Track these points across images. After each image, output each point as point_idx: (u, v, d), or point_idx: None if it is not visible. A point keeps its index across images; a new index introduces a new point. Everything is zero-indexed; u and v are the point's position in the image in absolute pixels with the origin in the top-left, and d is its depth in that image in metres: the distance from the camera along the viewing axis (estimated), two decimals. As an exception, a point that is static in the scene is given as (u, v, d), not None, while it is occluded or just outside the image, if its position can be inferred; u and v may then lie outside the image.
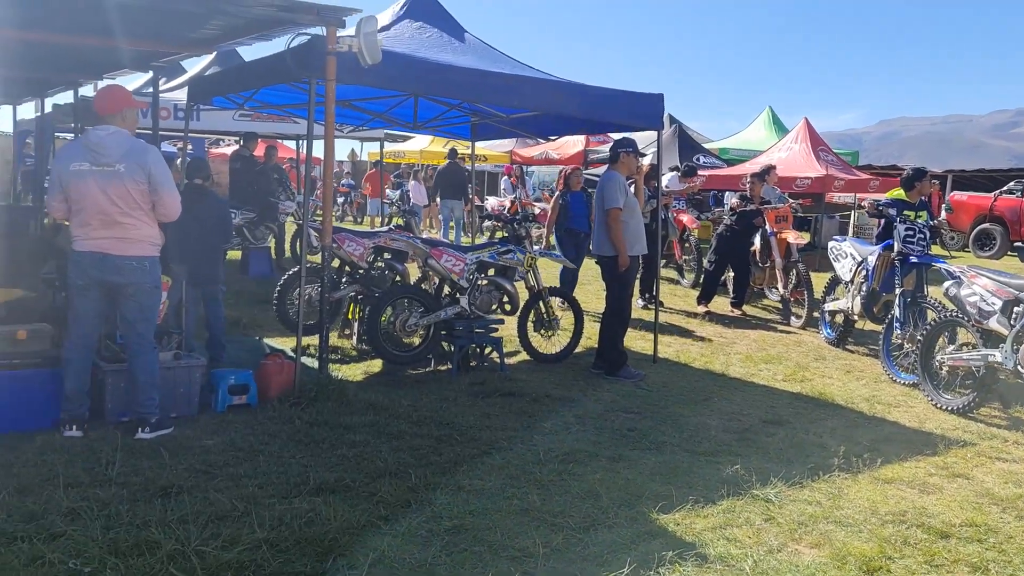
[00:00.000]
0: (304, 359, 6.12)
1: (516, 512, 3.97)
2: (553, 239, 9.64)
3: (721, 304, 10.38)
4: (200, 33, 6.63)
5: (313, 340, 6.75)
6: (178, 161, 7.46)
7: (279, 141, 14.59)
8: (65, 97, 11.53)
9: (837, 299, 8.45)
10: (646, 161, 11.60)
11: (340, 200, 21.83)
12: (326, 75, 5.34)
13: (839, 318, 8.46)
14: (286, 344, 7.08)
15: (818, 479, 4.62)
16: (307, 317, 6.96)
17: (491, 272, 7.16)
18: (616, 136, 7.83)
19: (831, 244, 8.65)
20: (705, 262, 10.75)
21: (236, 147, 13.05)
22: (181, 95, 10.31)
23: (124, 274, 4.56)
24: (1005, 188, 19.34)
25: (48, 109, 12.19)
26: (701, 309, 10.05)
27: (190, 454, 4.44)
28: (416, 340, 6.96)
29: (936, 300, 6.97)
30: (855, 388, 6.83)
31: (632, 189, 7.04)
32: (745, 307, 10.31)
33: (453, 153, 15.19)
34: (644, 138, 12.73)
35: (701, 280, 10.93)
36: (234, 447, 4.61)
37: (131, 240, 4.57)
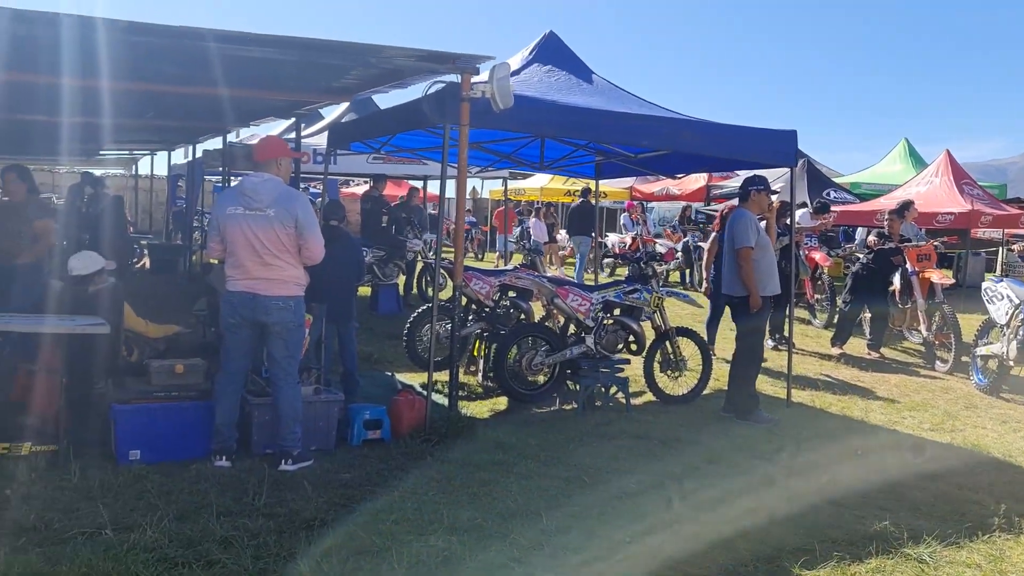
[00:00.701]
0: (434, 396, 6.24)
1: (647, 559, 3.87)
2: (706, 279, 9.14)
3: (857, 346, 9.90)
4: (341, 83, 7.01)
5: (442, 376, 6.88)
6: (318, 202, 7.85)
7: (407, 182, 15.12)
8: (214, 143, 12.43)
9: (991, 343, 7.91)
10: (775, 198, 11.30)
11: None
12: (460, 120, 5.50)
13: (993, 364, 7.91)
14: (415, 380, 7.25)
15: (976, 539, 4.30)
16: (436, 354, 7.13)
17: (617, 311, 7.12)
18: (743, 173, 7.69)
19: (985, 286, 8.14)
20: (839, 301, 10.31)
21: (366, 188, 13.62)
22: (318, 140, 10.89)
23: (272, 314, 4.81)
24: None
25: (199, 154, 13.16)
26: (836, 351, 9.63)
27: (330, 487, 4.60)
28: (541, 378, 6.98)
29: None
30: (1013, 440, 6.34)
31: (763, 227, 6.87)
32: (883, 350, 9.80)
33: (586, 192, 15.55)
34: (771, 173, 12.42)
35: (835, 320, 10.48)
36: (370, 482, 4.74)
37: (279, 281, 4.82)
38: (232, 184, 6.20)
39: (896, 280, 9.53)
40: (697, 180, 20.16)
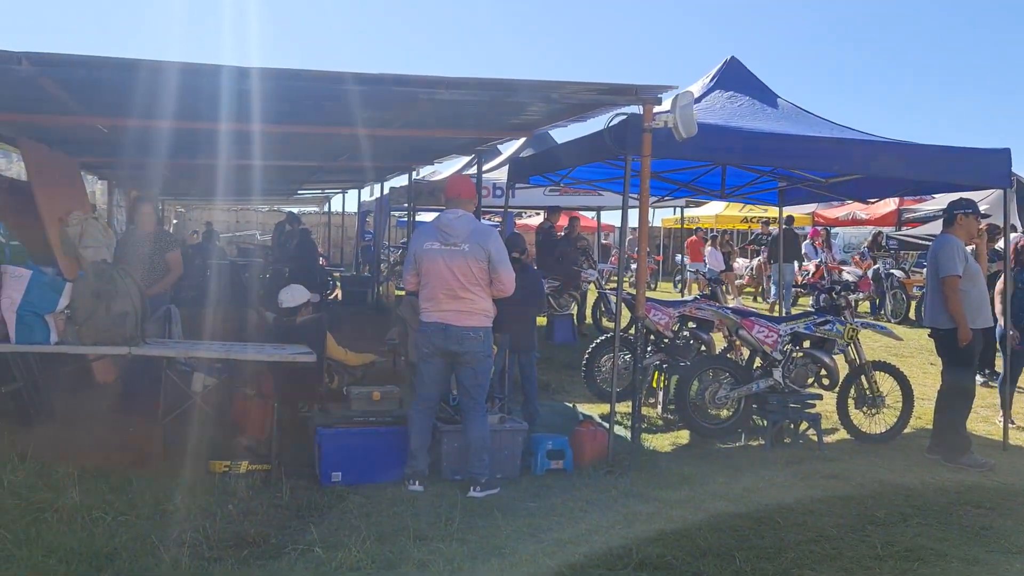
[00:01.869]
0: (614, 427, 6.21)
1: (856, 612, 3.63)
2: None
3: (1084, 384, 8.86)
4: (521, 119, 7.22)
5: (621, 408, 6.84)
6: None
7: (581, 213, 15.28)
8: (400, 180, 13.15)
9: None
10: (984, 221, 10.41)
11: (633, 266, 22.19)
12: (642, 151, 5.50)
13: None
14: (594, 410, 7.25)
15: None
16: (615, 384, 7.09)
17: (807, 344, 6.80)
18: (939, 196, 7.13)
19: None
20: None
21: (540, 219, 13.88)
22: (497, 174, 11.25)
23: (463, 343, 5.00)
24: None
25: (386, 191, 13.95)
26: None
27: (516, 516, 4.67)
28: (724, 413, 6.77)
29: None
30: None
31: (972, 254, 6.35)
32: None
33: (790, 220, 15.72)
34: (976, 194, 11.45)
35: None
36: (555, 512, 4.76)
37: (470, 312, 5.01)
38: (428, 220, 6.51)
39: None
40: (887, 204, 18.92)
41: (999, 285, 7.38)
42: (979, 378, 8.84)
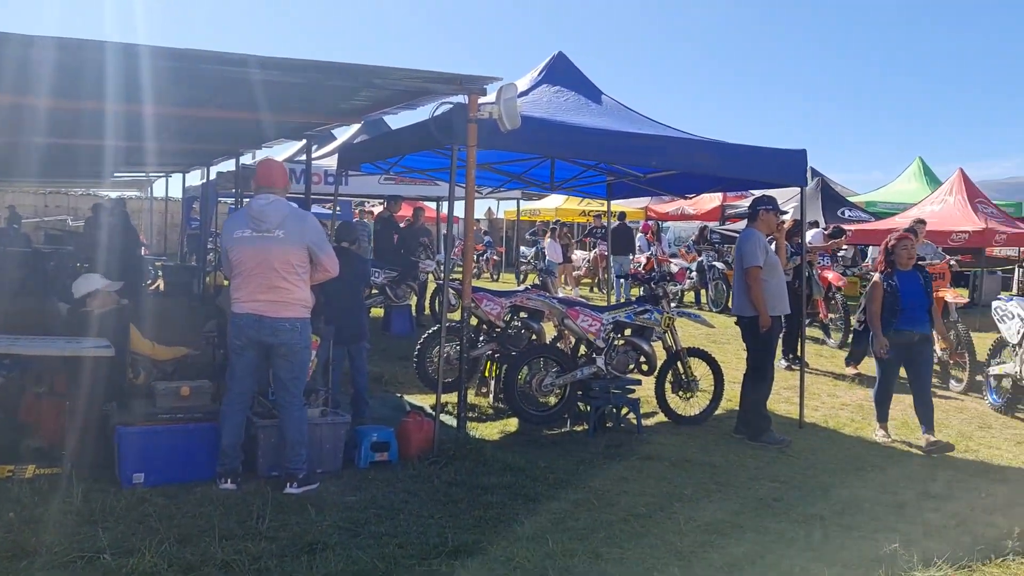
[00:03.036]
0: (443, 417, 6.21)
1: (657, 585, 3.82)
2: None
3: (872, 366, 9.78)
4: (350, 104, 7.06)
5: (452, 398, 6.86)
6: (327, 222, 7.90)
7: (423, 203, 15.20)
8: (227, 165, 12.55)
9: (1004, 363, 7.79)
10: (788, 217, 11.23)
11: (478, 258, 22.34)
12: (467, 141, 5.52)
13: (1006, 383, 7.79)
14: (426, 401, 7.23)
15: (989, 563, 4.22)
16: (446, 375, 7.11)
17: (628, 332, 7.09)
18: (756, 192, 7.66)
19: (996, 304, 8.03)
20: (854, 321, 10.19)
21: (380, 209, 13.68)
22: (331, 161, 10.97)
23: (278, 335, 4.82)
24: None
25: (212, 176, 13.28)
26: (850, 371, 9.52)
27: (334, 510, 4.57)
28: (552, 400, 6.95)
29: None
30: (1030, 461, 6.23)
31: (773, 247, 6.83)
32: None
33: (623, 216, 17.35)
34: (784, 192, 12.37)
35: (849, 340, 10.37)
36: (376, 505, 4.71)
37: (285, 303, 4.83)
38: (240, 207, 6.26)
39: (911, 299, 9.43)
40: (712, 200, 20.13)
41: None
42: (783, 362, 9.58)
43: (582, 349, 7.13)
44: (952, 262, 10.18)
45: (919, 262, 9.38)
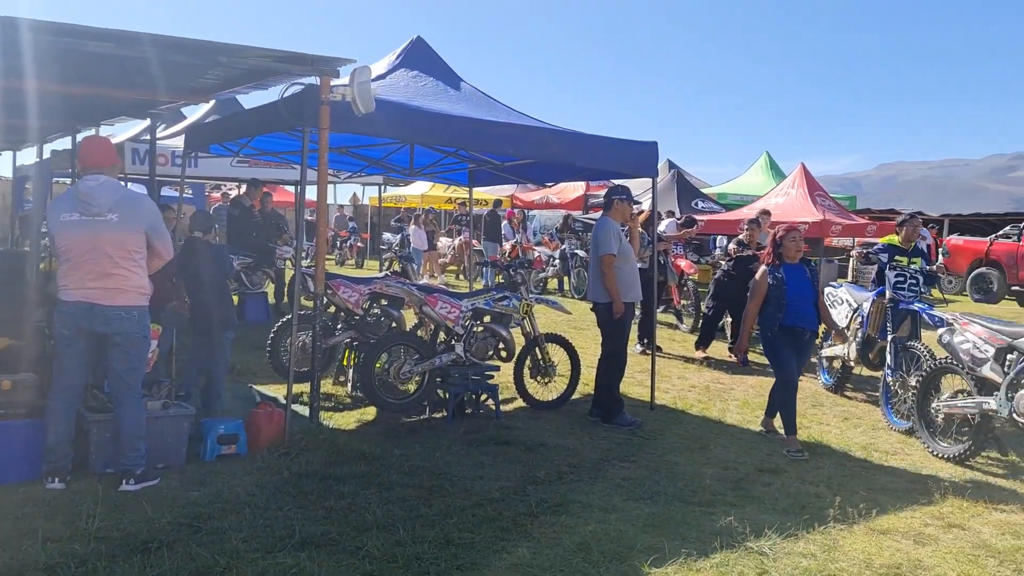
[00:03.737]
0: (297, 407, 6.07)
1: (505, 567, 3.89)
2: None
3: (720, 349, 10.33)
4: (198, 83, 6.72)
5: (308, 388, 6.70)
6: (174, 206, 7.50)
7: (282, 187, 14.71)
8: (64, 143, 11.67)
9: (834, 345, 8.40)
10: (644, 207, 11.66)
11: (342, 244, 21.90)
12: (319, 123, 5.38)
13: (836, 364, 8.41)
14: (279, 392, 7.03)
15: (813, 530, 4.53)
16: (301, 364, 6.93)
17: (487, 319, 7.15)
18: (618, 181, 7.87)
19: (827, 291, 8.63)
20: (703, 307, 10.73)
21: (237, 193, 13.15)
22: (178, 141, 10.42)
23: (112, 324, 4.54)
24: (1001, 232, 19.38)
25: (47, 155, 12.32)
26: (699, 354, 10.00)
27: (175, 506, 4.37)
28: (411, 387, 6.92)
29: (926, 347, 6.92)
30: (852, 435, 6.75)
31: (627, 236, 7.06)
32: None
33: (497, 204, 18.40)
34: (643, 184, 12.82)
35: (700, 325, 10.90)
36: (220, 499, 4.54)
37: (120, 290, 4.56)
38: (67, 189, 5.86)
39: (754, 286, 10.00)
40: (576, 189, 20.61)
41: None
42: (638, 347, 9.95)
43: (442, 336, 7.13)
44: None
45: (760, 250, 10.00)
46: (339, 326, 7.30)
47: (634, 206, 7.29)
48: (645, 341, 10.08)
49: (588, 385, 7.57)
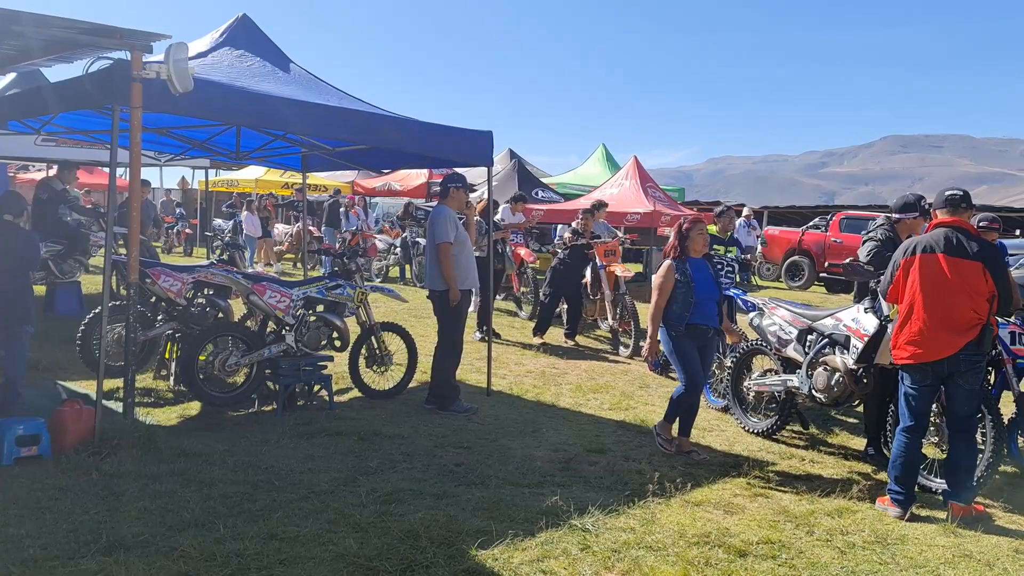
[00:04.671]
0: (110, 404, 5.69)
1: (330, 559, 3.82)
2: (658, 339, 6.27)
3: (557, 335, 10.62)
4: (-8, 52, 6.13)
5: (120, 383, 6.29)
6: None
7: (100, 168, 13.67)
8: None
9: (661, 329, 8.82)
10: (479, 195, 11.75)
11: (168, 231, 20.68)
12: (130, 102, 5.04)
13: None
14: (92, 388, 6.55)
15: (633, 505, 4.76)
16: (116, 358, 6.50)
17: (320, 308, 6.99)
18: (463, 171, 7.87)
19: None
20: (541, 294, 10.99)
21: (46, 175, 12.10)
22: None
23: None
24: (811, 223, 21.09)
25: None
26: (537, 340, 10.24)
27: (-38, 516, 3.99)
28: (239, 380, 6.66)
29: (740, 329, 7.43)
30: (675, 414, 7.13)
31: (463, 224, 7.10)
32: (578, 338, 10.61)
33: (337, 192, 18.17)
34: (483, 173, 12.93)
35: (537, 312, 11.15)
36: (17, 504, 4.19)
37: None
38: None
39: (587, 273, 10.38)
40: (418, 177, 20.49)
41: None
42: (477, 334, 10.06)
43: (272, 326, 6.90)
44: (623, 240, 11.30)
45: (593, 239, 10.37)
46: (160, 317, 6.91)
47: (469, 195, 7.34)
48: (484, 328, 10.21)
49: (426, 373, 7.57)
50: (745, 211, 18.07)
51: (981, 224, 6.37)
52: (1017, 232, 19.56)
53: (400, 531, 4.18)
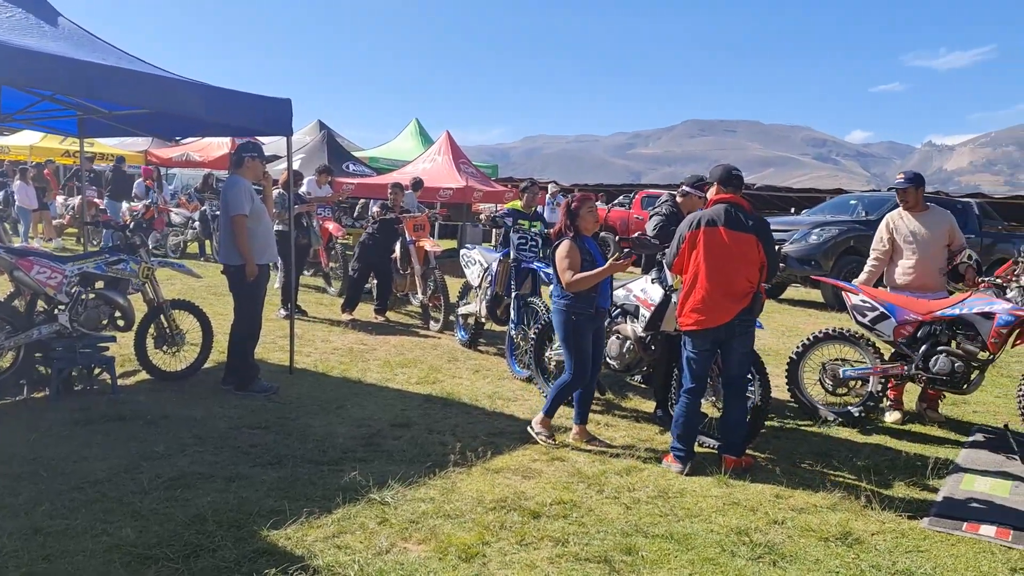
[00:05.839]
0: None
1: (103, 551, 3.56)
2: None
3: (366, 311, 10.47)
4: None
5: None
6: None
7: None
8: None
9: (469, 303, 8.95)
10: (283, 167, 11.29)
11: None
12: None
13: (471, 321, 8.97)
14: None
15: (435, 476, 4.79)
16: None
17: (100, 285, 6.45)
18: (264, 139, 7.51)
19: (462, 252, 9.14)
20: (349, 269, 10.78)
21: None
22: None
23: None
24: (616, 201, 22.16)
25: None
26: (346, 316, 10.04)
27: None
28: (4, 364, 6.02)
29: (543, 302, 7.66)
30: (481, 386, 7.25)
31: (262, 196, 6.79)
32: (389, 313, 10.52)
33: (120, 160, 16.58)
34: (296, 143, 12.41)
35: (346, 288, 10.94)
36: None
37: None
38: None
39: (397, 248, 10.29)
40: (220, 147, 19.41)
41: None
42: (282, 311, 9.72)
43: (42, 305, 6.29)
44: (432, 215, 11.31)
45: (403, 213, 10.30)
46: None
47: (266, 164, 7.03)
48: (288, 305, 9.88)
49: (223, 353, 7.22)
50: (552, 187, 18.66)
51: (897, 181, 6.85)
52: (792, 210, 21.56)
53: (185, 517, 3.97)
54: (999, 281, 6.01)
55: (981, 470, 5.37)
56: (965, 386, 6.04)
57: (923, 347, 6.21)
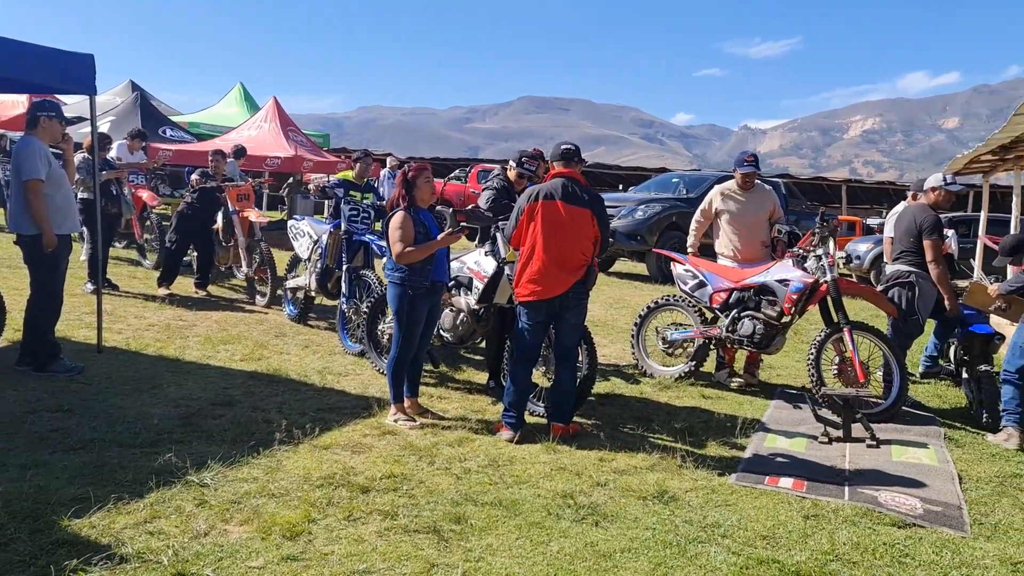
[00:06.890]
0: None
1: None
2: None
3: (186, 285, 9.89)
4: None
5: None
6: None
7: None
8: None
9: (298, 276, 8.64)
10: (102, 130, 10.44)
11: None
12: None
13: (300, 295, 8.68)
14: None
15: (259, 455, 4.60)
16: None
17: None
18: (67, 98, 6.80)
19: (290, 223, 8.80)
20: (166, 241, 10.11)
21: None
22: None
23: None
24: (452, 175, 22.18)
25: None
26: (163, 291, 9.43)
27: None
28: None
29: (376, 275, 7.53)
30: (310, 362, 7.04)
31: (61, 160, 6.20)
32: (211, 288, 9.99)
33: None
34: (100, 105, 11.43)
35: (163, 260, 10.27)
36: None
37: None
38: None
39: (219, 219, 9.76)
40: (15, 105, 17.51)
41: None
42: (89, 285, 8.98)
43: None
44: (256, 185, 10.81)
45: (225, 182, 9.78)
46: None
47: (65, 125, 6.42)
48: (95, 279, 9.15)
49: (19, 331, 6.58)
50: (390, 161, 18.37)
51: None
52: (620, 187, 22.43)
53: (-27, 513, 3.58)
54: (801, 252, 6.57)
55: (782, 430, 5.85)
56: (768, 347, 6.56)
57: (733, 312, 6.69)
